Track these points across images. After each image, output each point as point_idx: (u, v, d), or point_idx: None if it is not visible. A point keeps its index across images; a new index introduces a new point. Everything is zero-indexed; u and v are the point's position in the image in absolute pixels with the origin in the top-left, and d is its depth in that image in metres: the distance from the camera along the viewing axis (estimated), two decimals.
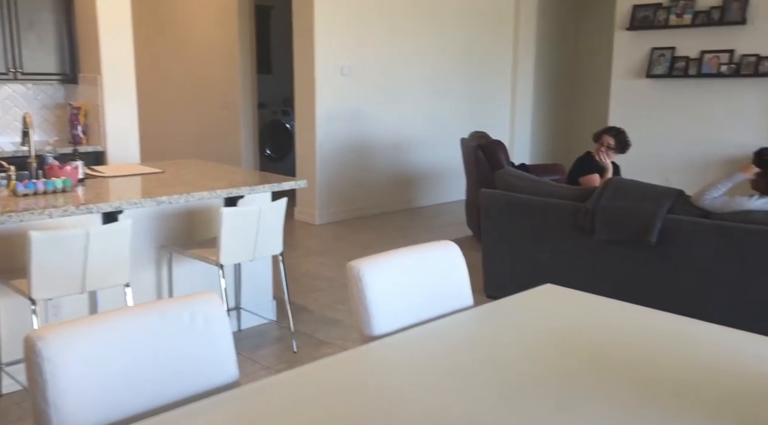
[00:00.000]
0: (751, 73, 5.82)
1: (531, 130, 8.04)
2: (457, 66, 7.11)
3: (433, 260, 2.01)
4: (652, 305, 3.28)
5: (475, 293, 4.05)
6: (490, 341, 1.70)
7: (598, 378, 1.47)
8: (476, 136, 5.50)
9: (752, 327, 2.95)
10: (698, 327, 1.82)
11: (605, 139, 4.38)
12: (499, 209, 3.92)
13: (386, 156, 6.61)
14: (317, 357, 3.09)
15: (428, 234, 5.73)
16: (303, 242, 5.47)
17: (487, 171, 5.01)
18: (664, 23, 6.31)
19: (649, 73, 6.48)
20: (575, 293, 2.13)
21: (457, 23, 7.03)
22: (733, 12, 5.90)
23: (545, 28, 8.02)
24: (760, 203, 3.07)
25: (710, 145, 6.19)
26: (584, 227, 3.50)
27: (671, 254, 3.21)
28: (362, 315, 1.79)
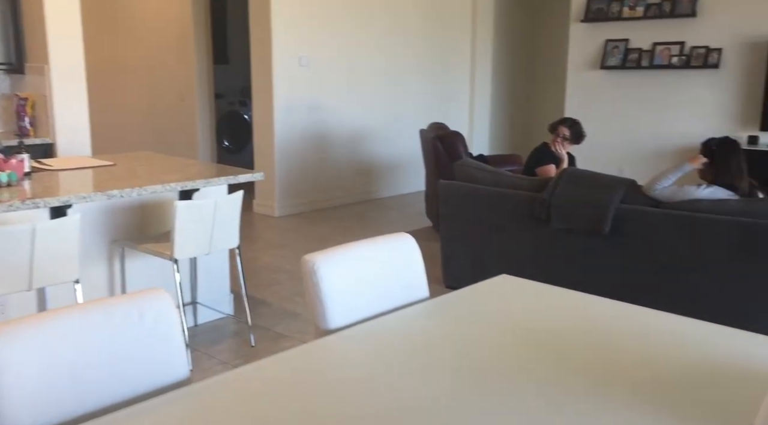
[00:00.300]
0: (701, 64, 5.97)
1: (490, 120, 8.11)
2: (416, 57, 7.11)
3: (389, 253, 2.01)
4: (607, 292, 3.35)
5: (434, 283, 4.10)
6: (445, 332, 1.71)
7: (551, 366, 1.49)
8: (435, 127, 5.51)
9: (701, 311, 3.04)
10: (649, 315, 1.86)
11: (561, 130, 4.45)
12: (457, 199, 3.95)
13: (346, 147, 6.58)
14: (276, 351, 3.07)
15: (388, 225, 5.74)
16: (262, 234, 5.42)
17: (445, 162, 5.03)
18: (618, 15, 6.42)
19: (604, 65, 6.59)
20: (530, 284, 2.15)
21: (416, 14, 7.02)
22: (683, 5, 6.04)
23: (503, 20, 8.08)
24: (707, 192, 3.15)
25: (662, 135, 6.34)
26: (540, 217, 3.55)
27: (624, 243, 3.28)
28: (317, 309, 1.78)
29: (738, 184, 3.18)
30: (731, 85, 5.89)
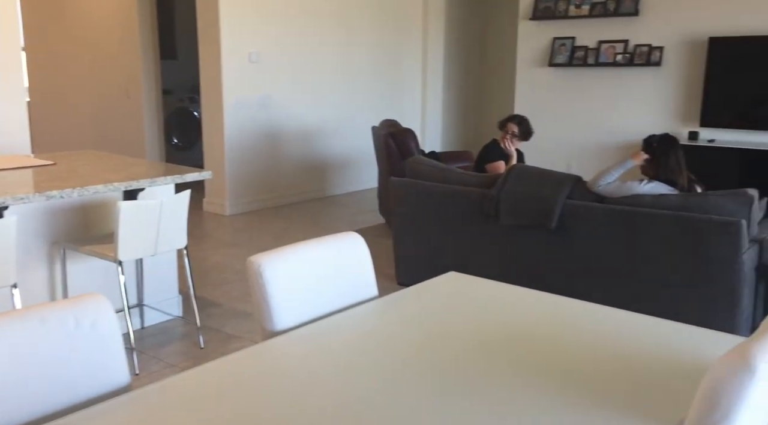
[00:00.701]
0: (644, 62, 6.14)
1: (442, 117, 8.16)
2: (368, 54, 7.11)
3: (337, 252, 2.00)
4: (555, 287, 3.42)
5: (387, 280, 4.11)
6: (392, 331, 1.71)
7: (496, 363, 1.51)
8: (387, 124, 5.52)
9: (644, 303, 3.13)
10: (591, 310, 1.90)
11: (509, 127, 4.51)
12: (409, 196, 3.96)
13: (298, 144, 6.53)
14: (226, 352, 3.03)
15: (340, 222, 5.72)
16: (213, 233, 5.33)
17: (397, 159, 5.05)
18: (565, 14, 6.55)
19: (552, 62, 6.71)
20: (476, 281, 2.18)
21: (367, 12, 7.01)
22: (626, 4, 6.19)
23: (454, 17, 8.14)
24: (649, 187, 3.25)
25: (609, 131, 6.50)
26: (490, 213, 3.60)
27: (570, 238, 3.35)
28: (263, 311, 1.76)
29: (677, 179, 3.29)
30: (673, 82, 6.08)
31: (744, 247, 2.86)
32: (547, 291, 3.29)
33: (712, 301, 2.94)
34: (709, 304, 2.95)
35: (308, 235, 5.19)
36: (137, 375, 2.88)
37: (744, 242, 2.86)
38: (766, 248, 2.96)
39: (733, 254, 2.85)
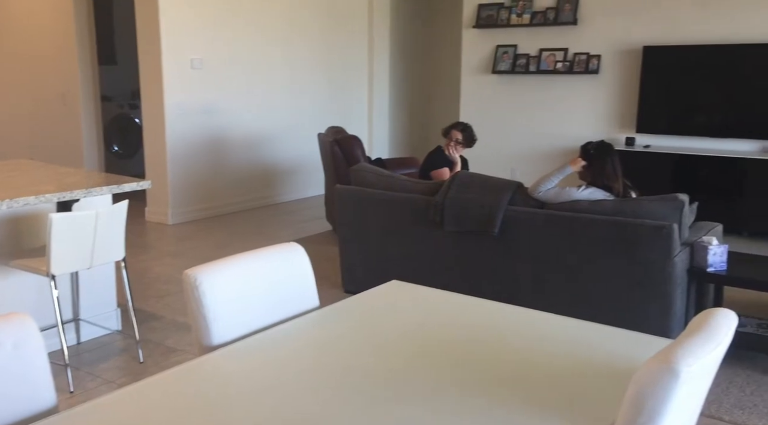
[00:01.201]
0: (583, 70, 6.32)
1: (389, 124, 8.20)
2: (314, 61, 7.08)
3: (277, 264, 1.98)
4: (499, 292, 3.48)
5: (333, 288, 4.09)
6: (332, 342, 1.70)
7: (436, 371, 1.52)
8: (333, 131, 5.51)
9: (584, 306, 3.21)
10: (531, 316, 1.94)
11: (453, 134, 4.57)
12: (354, 204, 3.96)
13: (243, 152, 6.45)
14: (166, 366, 2.96)
15: (287, 230, 5.67)
16: (155, 243, 5.20)
17: (343, 166, 5.04)
18: (507, 22, 6.68)
19: (495, 70, 6.83)
20: (418, 289, 2.19)
21: (313, 19, 6.99)
22: (565, 13, 6.36)
23: (398, 24, 8.20)
24: (586, 192, 3.33)
25: (551, 137, 6.66)
26: (434, 220, 3.63)
27: (513, 244, 3.41)
28: (200, 325, 1.73)
29: (613, 185, 3.38)
30: (610, 89, 6.28)
31: (675, 250, 2.97)
32: (492, 296, 3.34)
33: (646, 303, 3.04)
34: (645, 306, 3.04)
35: (254, 244, 5.12)
36: (72, 393, 2.77)
37: (675, 246, 2.96)
38: (696, 251, 3.08)
39: (666, 257, 2.95)
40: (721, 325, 1.39)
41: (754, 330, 3.09)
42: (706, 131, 5.70)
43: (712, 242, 3.03)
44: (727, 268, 3.03)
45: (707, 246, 3.01)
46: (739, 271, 3.04)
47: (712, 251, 3.00)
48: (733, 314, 1.47)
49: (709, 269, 3.01)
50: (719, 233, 3.48)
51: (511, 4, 6.67)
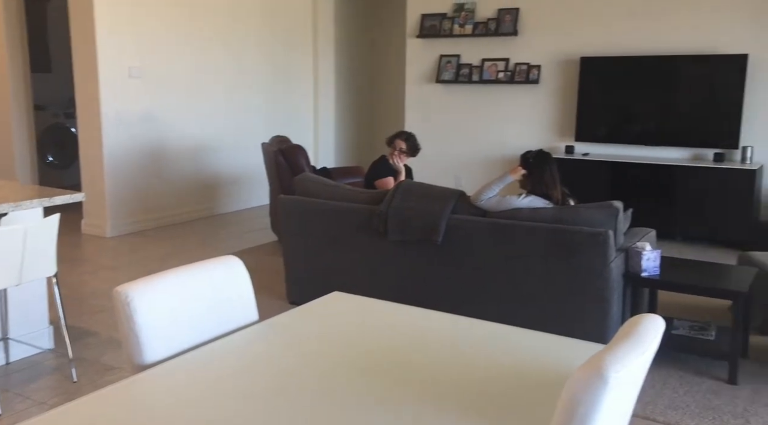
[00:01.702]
0: (523, 80, 6.46)
1: (335, 133, 8.18)
2: (257, 70, 7.01)
3: (214, 277, 1.93)
4: (442, 300, 3.50)
5: (279, 299, 4.04)
6: (270, 356, 1.67)
7: (376, 384, 1.51)
8: (277, 140, 5.46)
9: (526, 313, 3.26)
10: (473, 325, 1.95)
11: (397, 143, 4.59)
12: (298, 214, 3.93)
13: (186, 161, 6.32)
14: (102, 385, 2.86)
15: (232, 241, 5.58)
16: (91, 257, 5.03)
17: (288, 176, 5.00)
18: (450, 32, 6.77)
19: (439, 79, 6.91)
20: (359, 300, 2.18)
21: (256, 27, 6.92)
22: (505, 24, 6.50)
23: (343, 34, 8.21)
24: (526, 201, 3.40)
25: (494, 146, 6.77)
26: (378, 230, 3.63)
27: (456, 252, 3.44)
28: (132, 344, 1.67)
29: (552, 193, 3.45)
30: (550, 99, 6.43)
31: (611, 256, 3.05)
32: (436, 304, 3.36)
33: (585, 309, 3.11)
34: (583, 312, 3.12)
35: (197, 255, 5.01)
36: (0, 416, 2.64)
37: (611, 252, 3.05)
38: (631, 257, 3.17)
39: (602, 263, 3.03)
40: (649, 331, 1.43)
41: (686, 333, 3.20)
42: (641, 139, 5.90)
43: (646, 248, 3.13)
44: (660, 272, 3.13)
45: (641, 252, 3.11)
46: (671, 275, 3.15)
47: (645, 257, 3.10)
48: (660, 320, 1.52)
49: (643, 274, 3.11)
50: (653, 239, 3.60)
51: (453, 15, 6.77)
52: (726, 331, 3.18)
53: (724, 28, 5.53)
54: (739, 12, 5.46)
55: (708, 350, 3.03)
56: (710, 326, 3.27)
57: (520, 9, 6.44)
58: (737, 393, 2.82)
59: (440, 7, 6.86)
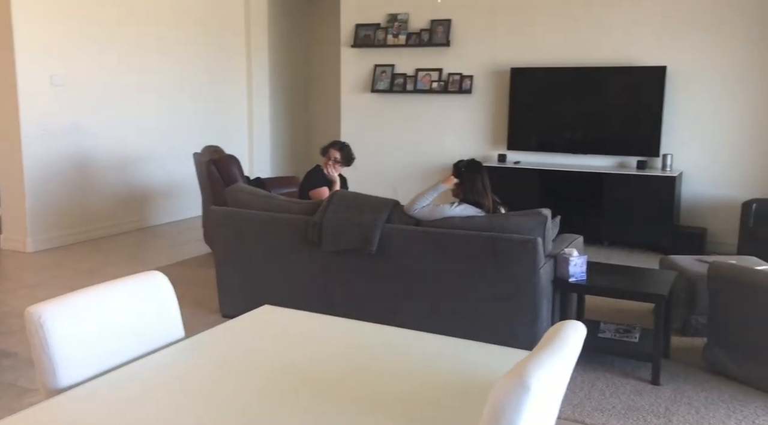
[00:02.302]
0: (457, 89, 6.57)
1: (270, 142, 8.09)
2: (188, 79, 6.86)
3: (135, 294, 1.87)
4: (379, 310, 3.49)
5: (211, 313, 3.94)
6: (195, 373, 1.62)
7: (302, 395, 1.49)
8: (209, 150, 5.35)
9: (459, 321, 3.30)
10: (402, 335, 1.95)
11: (332, 153, 4.57)
12: (231, 226, 3.85)
13: (114, 172, 6.10)
14: (19, 409, 2.70)
15: (163, 254, 5.42)
16: (10, 274, 4.78)
17: (221, 187, 4.90)
18: (384, 42, 6.82)
19: (374, 88, 6.95)
20: (290, 313, 2.15)
21: (186, 35, 6.78)
22: (438, 35, 6.60)
23: (277, 43, 8.14)
24: (459, 209, 3.44)
25: (430, 154, 6.84)
26: (313, 240, 3.60)
27: (390, 261, 3.44)
28: (45, 367, 1.59)
29: (483, 201, 3.51)
30: (483, 108, 6.56)
31: (541, 263, 3.12)
32: (372, 314, 3.35)
33: (516, 314, 3.17)
34: (514, 317, 3.17)
35: (126, 270, 4.84)
36: None
37: (540, 259, 3.12)
38: (559, 263, 3.26)
39: (532, 269, 3.10)
40: (570, 337, 1.47)
41: (612, 335, 3.31)
42: (569, 148, 6.09)
43: (573, 254, 3.22)
44: (586, 278, 3.23)
45: (568, 258, 3.19)
46: (597, 280, 3.25)
47: (572, 263, 3.19)
48: (581, 326, 1.56)
49: (570, 280, 3.19)
50: (580, 245, 3.71)
51: (387, 25, 6.83)
52: (649, 333, 3.30)
53: (645, 41, 5.78)
54: (658, 26, 5.73)
55: (632, 352, 3.14)
56: (635, 328, 3.39)
57: (452, 20, 6.55)
58: (660, 393, 2.93)
59: (374, 17, 6.90)
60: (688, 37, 5.64)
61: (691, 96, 5.67)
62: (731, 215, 5.40)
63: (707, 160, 5.69)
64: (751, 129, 5.53)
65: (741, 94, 5.53)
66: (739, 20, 5.46)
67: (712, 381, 3.04)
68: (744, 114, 5.54)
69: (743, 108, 5.54)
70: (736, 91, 5.54)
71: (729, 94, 5.57)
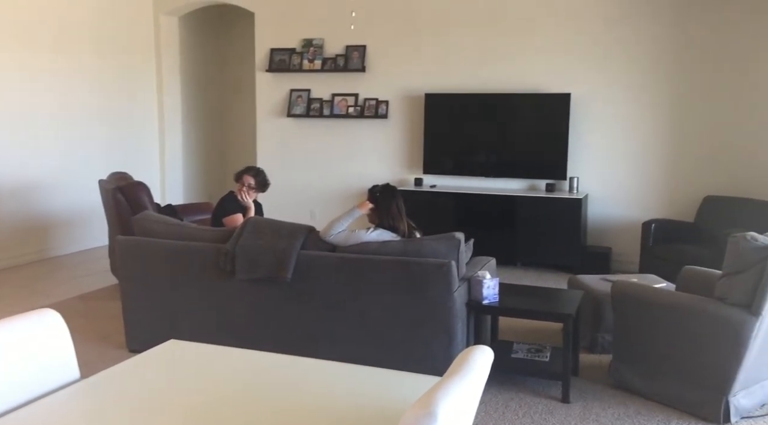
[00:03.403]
0: (373, 114, 6.63)
1: (183, 168, 7.86)
2: (95, 103, 6.58)
3: (25, 334, 1.74)
4: (293, 339, 3.43)
5: (117, 348, 3.75)
6: (94, 416, 1.52)
7: None
8: (116, 177, 5.14)
9: (376, 347, 3.28)
10: (318, 367, 1.91)
11: (246, 179, 4.49)
12: (138, 256, 3.69)
13: (11, 201, 5.74)
14: None
15: (66, 286, 5.13)
16: None
17: (128, 215, 4.69)
18: (299, 67, 6.81)
19: (290, 113, 6.91)
20: (198, 347, 2.07)
21: (91, 58, 6.52)
22: (354, 61, 6.66)
23: (190, 67, 7.98)
24: (374, 234, 3.45)
25: (348, 179, 6.85)
26: (225, 269, 3.50)
27: (306, 289, 3.39)
28: None
29: (398, 226, 3.53)
30: (399, 133, 6.65)
31: (455, 286, 3.16)
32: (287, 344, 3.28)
33: (432, 338, 3.18)
34: (430, 341, 3.19)
35: (24, 305, 4.54)
36: None
37: (455, 282, 3.16)
38: (473, 286, 3.31)
39: (446, 293, 3.13)
40: (477, 362, 1.48)
41: (524, 355, 3.39)
42: (483, 171, 6.26)
43: (486, 277, 3.29)
44: (499, 300, 3.30)
45: (481, 280, 3.26)
46: (509, 302, 3.32)
47: (485, 285, 3.25)
48: (488, 350, 1.58)
49: (484, 302, 3.25)
50: (493, 267, 3.79)
51: (302, 50, 6.83)
52: (559, 352, 3.40)
53: (551, 69, 6.05)
54: (563, 55, 6.01)
55: (543, 371, 3.22)
56: (546, 348, 3.49)
57: (368, 46, 6.63)
58: (570, 411, 3.02)
59: (289, 42, 6.89)
60: (589, 67, 5.95)
61: (594, 122, 5.97)
62: (633, 235, 5.69)
63: (610, 182, 5.99)
64: (647, 153, 5.87)
65: (637, 120, 5.88)
66: (632, 51, 5.81)
67: (618, 397, 3.16)
68: (640, 139, 5.88)
69: (639, 134, 5.88)
70: (633, 118, 5.88)
71: (626, 120, 5.90)
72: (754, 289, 2.75)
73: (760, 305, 2.73)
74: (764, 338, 2.82)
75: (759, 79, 5.47)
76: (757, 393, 2.99)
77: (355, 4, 5.52)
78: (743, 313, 2.77)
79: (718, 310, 2.85)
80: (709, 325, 2.89)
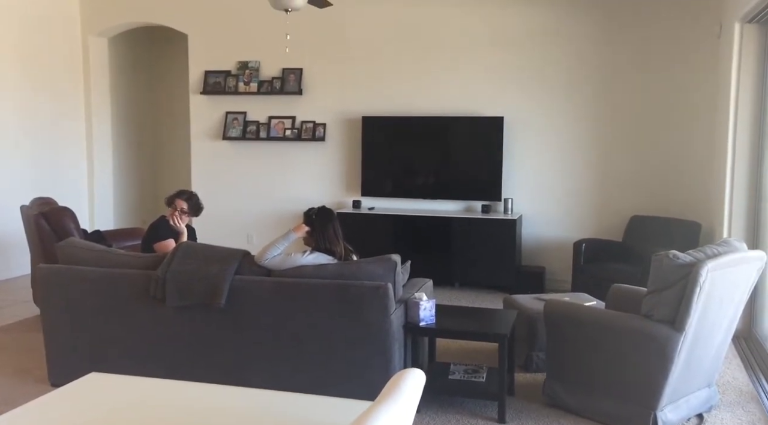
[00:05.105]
0: (310, 137, 6.61)
1: (113, 193, 7.60)
2: (14, 127, 6.31)
3: None
4: (227, 367, 3.33)
5: (38, 383, 3.55)
6: None
7: None
8: (39, 203, 4.91)
9: (313, 372, 3.22)
10: (247, 395, 1.86)
11: (178, 203, 4.38)
12: (61, 284, 3.53)
13: None
14: None
15: None
16: None
17: (52, 241, 4.49)
18: (235, 90, 6.74)
19: (226, 136, 6.81)
20: (121, 379, 1.98)
21: (12, 79, 6.26)
22: (290, 84, 6.64)
23: (120, 89, 7.78)
24: (311, 257, 3.41)
25: (286, 202, 6.78)
26: (155, 296, 3.38)
27: (241, 315, 3.31)
28: None
29: (335, 248, 3.51)
30: (336, 155, 6.64)
31: (392, 308, 3.15)
32: (221, 373, 3.19)
33: (369, 361, 3.15)
34: (368, 364, 3.16)
35: None
36: None
37: (391, 304, 3.15)
38: (410, 307, 3.31)
39: (383, 315, 3.12)
40: (408, 386, 1.47)
41: (461, 377, 3.40)
42: (421, 193, 6.32)
43: (423, 298, 3.29)
44: (435, 321, 3.30)
45: (418, 302, 3.26)
46: (446, 323, 3.33)
47: (422, 307, 3.25)
48: (420, 373, 1.57)
49: (421, 324, 3.25)
50: (430, 288, 3.81)
51: (238, 73, 6.77)
52: (495, 372, 3.42)
53: (485, 92, 6.19)
54: (497, 79, 6.16)
55: (480, 392, 3.24)
56: (482, 368, 3.51)
57: (304, 69, 6.63)
58: None
59: (224, 64, 6.82)
60: (520, 90, 6.12)
61: (526, 144, 6.13)
62: (565, 254, 5.83)
63: (543, 203, 6.15)
64: (577, 174, 6.06)
65: (565, 142, 6.07)
66: (558, 75, 6.02)
67: (552, 416, 3.21)
68: (569, 160, 6.07)
69: (568, 155, 6.07)
70: (561, 140, 6.07)
71: (556, 142, 6.09)
72: (678, 305, 2.86)
73: (683, 321, 2.84)
74: (688, 353, 2.92)
75: (681, 100, 5.75)
76: (683, 407, 3.10)
77: (290, 28, 5.52)
78: (668, 329, 2.87)
79: (644, 327, 2.95)
80: (636, 341, 2.98)
